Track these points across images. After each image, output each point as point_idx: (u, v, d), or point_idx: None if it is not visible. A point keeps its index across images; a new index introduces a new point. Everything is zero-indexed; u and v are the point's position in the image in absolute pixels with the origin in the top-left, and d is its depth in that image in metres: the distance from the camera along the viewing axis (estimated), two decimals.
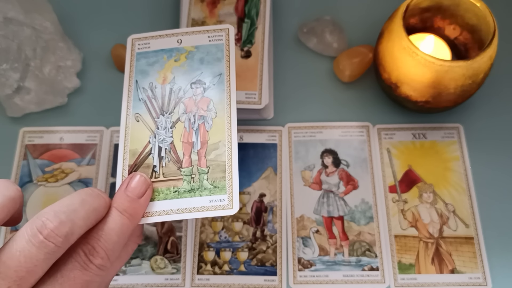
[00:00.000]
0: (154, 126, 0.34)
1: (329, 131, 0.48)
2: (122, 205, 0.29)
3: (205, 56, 0.36)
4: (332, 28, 0.51)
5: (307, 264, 0.43)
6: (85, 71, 0.51)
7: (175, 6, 0.53)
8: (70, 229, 0.25)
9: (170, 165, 0.33)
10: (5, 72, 0.46)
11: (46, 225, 0.25)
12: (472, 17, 0.44)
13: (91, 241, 0.27)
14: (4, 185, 0.26)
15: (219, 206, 0.31)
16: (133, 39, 0.37)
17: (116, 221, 0.28)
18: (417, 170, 0.46)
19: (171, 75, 0.36)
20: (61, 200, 0.27)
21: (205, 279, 0.42)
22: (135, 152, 0.33)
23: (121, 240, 0.28)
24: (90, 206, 0.27)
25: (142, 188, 0.30)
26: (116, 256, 0.28)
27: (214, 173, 0.32)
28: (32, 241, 0.24)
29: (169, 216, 0.31)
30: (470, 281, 0.42)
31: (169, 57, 0.36)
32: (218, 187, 0.32)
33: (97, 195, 0.28)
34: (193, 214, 0.31)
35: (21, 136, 0.48)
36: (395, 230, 0.44)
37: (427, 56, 0.40)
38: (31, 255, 0.24)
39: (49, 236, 0.24)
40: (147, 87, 0.35)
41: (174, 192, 0.32)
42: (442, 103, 0.43)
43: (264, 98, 0.45)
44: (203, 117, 0.34)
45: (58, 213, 0.25)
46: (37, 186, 0.46)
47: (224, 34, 0.36)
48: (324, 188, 0.45)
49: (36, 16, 0.48)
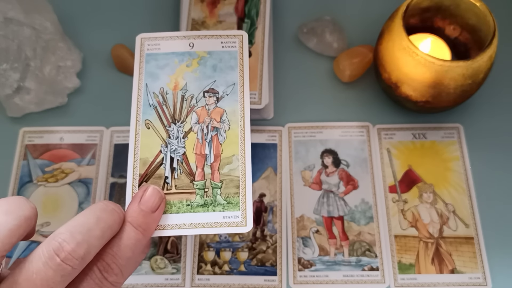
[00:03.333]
0: (166, 134, 0.33)
1: (329, 131, 0.48)
2: (136, 219, 0.29)
3: (218, 63, 0.34)
4: (332, 28, 0.51)
5: (307, 264, 0.43)
6: (85, 71, 0.51)
7: (175, 6, 0.53)
8: (86, 250, 0.25)
9: (182, 177, 0.32)
10: (5, 72, 0.46)
11: (63, 247, 0.24)
12: (472, 17, 0.44)
13: (106, 258, 0.27)
14: (19, 204, 0.26)
15: (233, 223, 0.30)
16: (142, 39, 0.35)
17: (131, 237, 0.28)
18: (417, 170, 0.46)
19: (183, 81, 0.34)
20: (76, 217, 0.26)
21: (205, 279, 0.42)
22: (146, 161, 0.32)
23: (135, 255, 0.28)
24: (105, 224, 0.27)
25: (156, 202, 0.30)
26: (129, 271, 0.28)
27: (227, 188, 0.31)
28: (49, 264, 0.24)
29: (182, 230, 0.30)
30: (470, 281, 0.42)
31: (180, 61, 0.34)
32: (231, 203, 0.31)
33: (111, 211, 0.28)
34: (206, 230, 0.30)
35: (21, 136, 0.48)
36: (395, 230, 0.44)
37: (427, 56, 0.40)
38: (47, 277, 0.24)
39: (66, 259, 0.24)
40: (158, 92, 0.34)
41: (187, 206, 0.31)
42: (442, 103, 0.43)
43: (264, 98, 0.45)
44: (217, 129, 0.33)
45: (74, 234, 0.25)
46: (37, 186, 0.46)
47: (237, 41, 0.35)
48: (324, 188, 0.45)
49: (36, 16, 0.48)
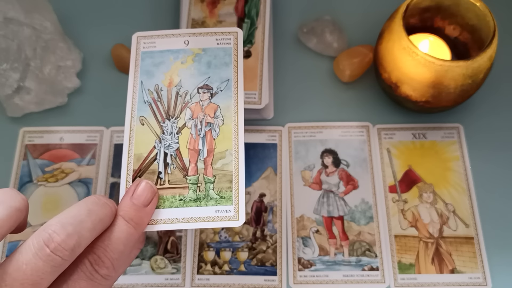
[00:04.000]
0: (160, 130, 0.33)
1: (329, 131, 0.48)
2: (128, 213, 0.29)
3: (212, 60, 0.35)
4: (332, 28, 0.51)
5: (307, 264, 0.43)
6: (85, 71, 0.51)
7: (175, 6, 0.53)
8: (77, 241, 0.25)
9: (176, 172, 0.32)
10: (5, 72, 0.46)
11: (53, 238, 0.24)
12: (472, 17, 0.44)
13: (97, 251, 0.27)
14: (10, 195, 0.26)
15: (225, 217, 0.31)
16: (138, 37, 0.36)
17: (122, 230, 0.28)
18: (417, 170, 0.46)
19: (178, 78, 0.35)
20: (67, 210, 0.27)
21: (205, 279, 0.42)
22: (139, 157, 0.33)
23: (127, 249, 0.28)
24: (96, 217, 0.27)
25: (148, 196, 0.30)
26: (121, 265, 0.28)
27: (220, 183, 0.32)
28: (38, 254, 0.24)
29: (175, 225, 0.30)
30: (470, 281, 0.42)
31: (175, 59, 0.35)
32: (224, 198, 0.31)
33: (103, 204, 0.28)
34: (198, 224, 0.31)
35: (21, 136, 0.48)
36: (395, 230, 0.44)
37: (427, 56, 0.40)
38: (37, 268, 0.24)
39: (56, 249, 0.24)
40: (152, 89, 0.34)
41: (180, 201, 0.31)
42: (442, 103, 0.43)
43: (264, 98, 0.45)
44: (210, 124, 0.33)
45: (65, 225, 0.25)
46: (37, 186, 0.46)
47: (232, 38, 0.35)
48: (324, 188, 0.45)
49: (36, 16, 0.48)
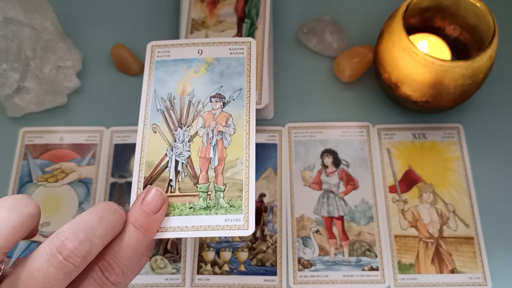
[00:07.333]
0: (172, 138, 0.33)
1: (329, 131, 0.48)
2: (138, 220, 0.29)
3: (225, 69, 0.35)
4: (332, 28, 0.51)
5: (307, 264, 0.43)
6: (85, 71, 0.51)
7: (175, 6, 0.53)
8: (89, 248, 0.25)
9: (186, 180, 0.32)
10: (5, 72, 0.46)
11: (66, 245, 0.25)
12: (472, 17, 0.44)
13: (107, 257, 0.27)
14: (23, 201, 0.26)
15: (235, 226, 0.31)
16: (153, 46, 0.36)
17: (132, 237, 0.28)
18: (417, 170, 0.46)
19: (191, 87, 0.35)
20: (79, 216, 0.27)
21: (205, 279, 0.42)
22: (151, 164, 0.33)
23: (136, 256, 0.28)
24: (107, 224, 0.27)
25: (158, 203, 0.30)
26: (130, 272, 0.28)
27: (230, 192, 0.32)
28: (51, 261, 0.24)
29: (184, 232, 0.31)
30: (470, 281, 0.42)
31: (188, 68, 0.35)
32: (234, 206, 0.31)
33: (113, 211, 0.28)
34: (207, 233, 0.31)
35: (21, 136, 0.48)
36: (395, 230, 0.44)
37: (427, 56, 0.40)
38: (49, 275, 0.24)
39: (69, 256, 0.24)
40: (165, 97, 0.35)
41: (190, 209, 0.31)
42: (442, 103, 0.43)
43: (264, 98, 0.45)
44: (222, 133, 0.33)
45: (77, 232, 0.25)
46: (37, 186, 0.46)
47: (245, 48, 0.36)
48: (324, 188, 0.45)
49: (36, 16, 0.48)
